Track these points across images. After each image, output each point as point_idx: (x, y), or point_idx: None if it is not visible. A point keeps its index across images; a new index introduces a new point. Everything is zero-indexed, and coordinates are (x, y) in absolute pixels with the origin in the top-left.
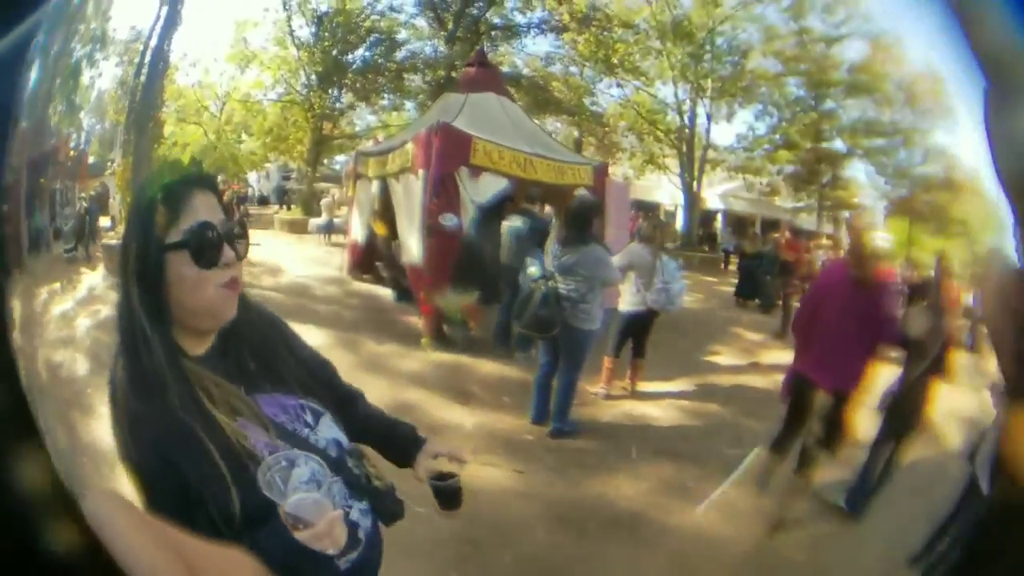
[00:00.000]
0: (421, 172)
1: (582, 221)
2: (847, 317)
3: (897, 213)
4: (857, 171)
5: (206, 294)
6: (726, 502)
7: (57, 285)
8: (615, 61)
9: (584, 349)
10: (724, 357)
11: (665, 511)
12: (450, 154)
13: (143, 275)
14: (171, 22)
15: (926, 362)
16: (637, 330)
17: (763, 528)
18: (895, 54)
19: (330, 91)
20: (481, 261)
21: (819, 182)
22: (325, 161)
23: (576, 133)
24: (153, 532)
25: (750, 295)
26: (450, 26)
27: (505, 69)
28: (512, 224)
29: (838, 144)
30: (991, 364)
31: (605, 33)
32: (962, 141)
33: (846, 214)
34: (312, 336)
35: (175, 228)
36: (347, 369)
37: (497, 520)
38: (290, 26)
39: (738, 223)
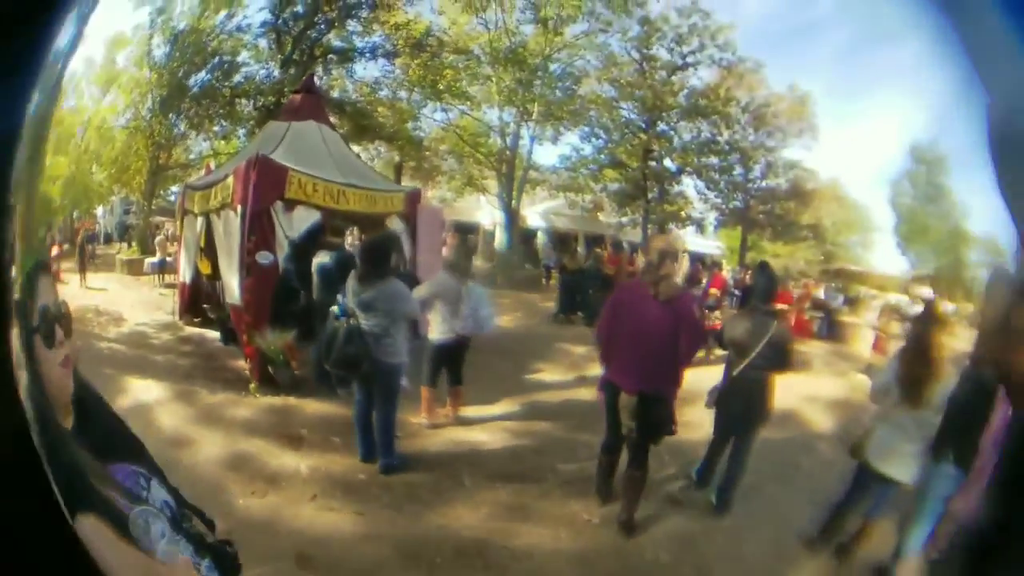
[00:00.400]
0: (239, 208)
1: (378, 257)
2: (646, 328)
3: (730, 224)
4: (687, 186)
5: (53, 373)
6: (569, 515)
7: None
8: (442, 87)
9: (395, 382)
10: (550, 374)
11: (510, 535)
12: (266, 188)
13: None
14: (74, 43)
15: (748, 359)
16: (450, 358)
17: (616, 532)
18: (749, 80)
19: (169, 116)
20: (296, 299)
21: (646, 198)
22: (161, 193)
23: (397, 158)
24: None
25: (572, 310)
26: (288, 48)
27: (334, 94)
28: (320, 260)
29: (668, 163)
30: (854, 349)
31: (436, 59)
32: (819, 155)
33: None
34: (151, 391)
35: (33, 312)
36: (182, 423)
37: (350, 567)
38: (150, 45)
39: (561, 240)
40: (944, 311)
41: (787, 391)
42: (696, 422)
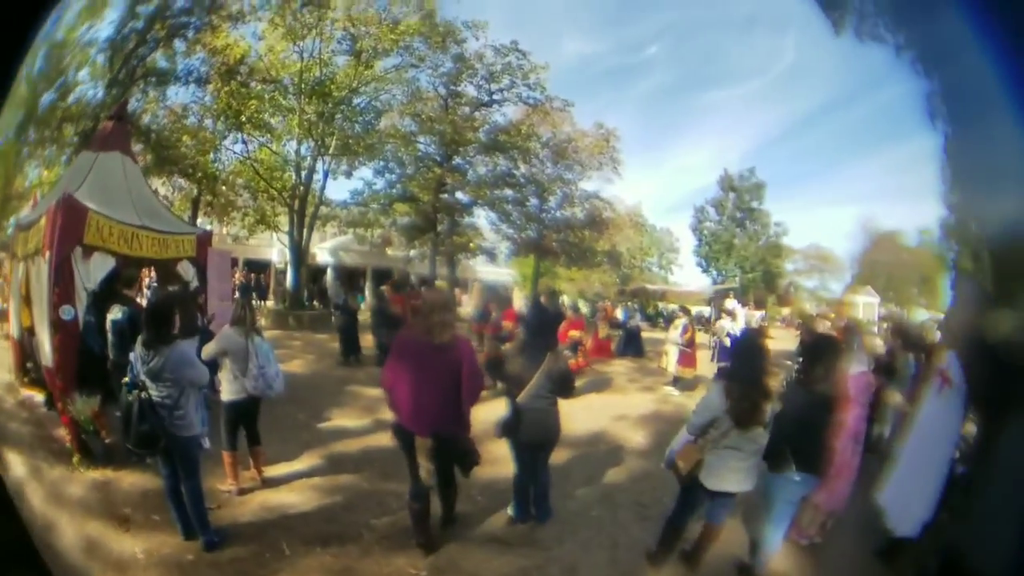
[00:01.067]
0: (48, 254)
1: (160, 320)
2: (426, 373)
3: (523, 253)
4: (479, 217)
5: None
6: (396, 571)
7: None
8: (244, 117)
9: (194, 455)
10: (346, 420)
11: None
12: (68, 233)
13: None
14: None
15: (528, 391)
16: (245, 417)
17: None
18: (554, 118)
19: (20, 138)
20: (95, 359)
21: (435, 230)
22: (4, 224)
23: (195, 192)
24: None
25: (353, 352)
26: (117, 66)
27: (145, 119)
28: (112, 316)
29: (460, 195)
30: (659, 363)
31: (244, 88)
32: (620, 186)
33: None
34: (17, 467)
35: None
36: (42, 503)
37: None
38: (36, 55)
39: (349, 277)
40: (760, 324)
41: (597, 411)
42: (503, 457)
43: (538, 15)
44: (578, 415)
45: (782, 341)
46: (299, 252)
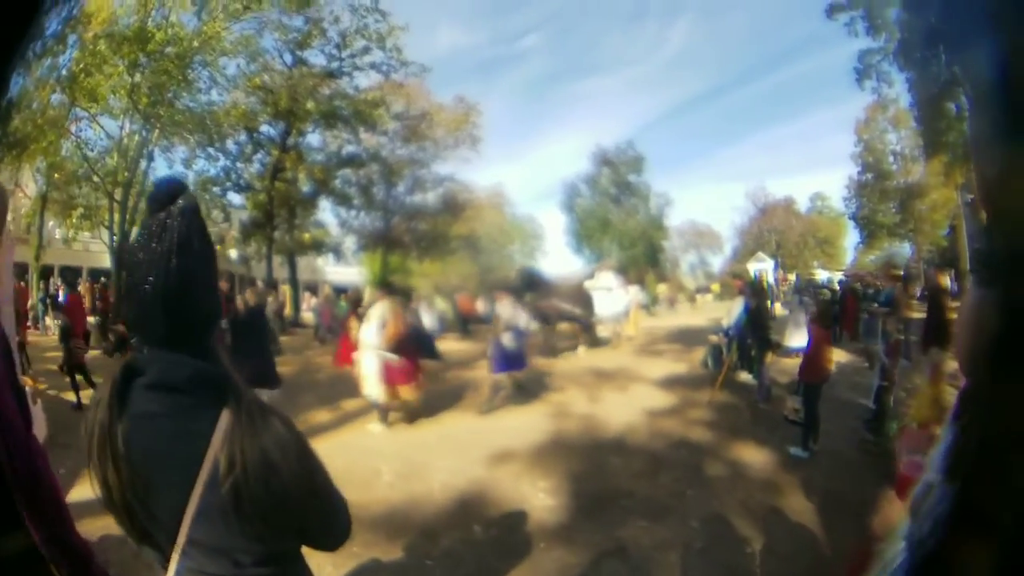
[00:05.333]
0: None
1: None
2: None
3: (371, 247)
4: (323, 210)
5: None
6: None
7: None
8: (83, 82)
9: None
10: None
11: None
12: None
13: None
14: None
15: None
16: None
17: None
18: (410, 90)
19: None
20: None
21: (271, 225)
22: None
23: (43, 186)
24: None
25: None
26: None
27: None
28: None
29: (301, 184)
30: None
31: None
32: (479, 168)
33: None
34: None
35: None
36: None
37: None
38: None
39: None
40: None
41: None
42: None
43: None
44: None
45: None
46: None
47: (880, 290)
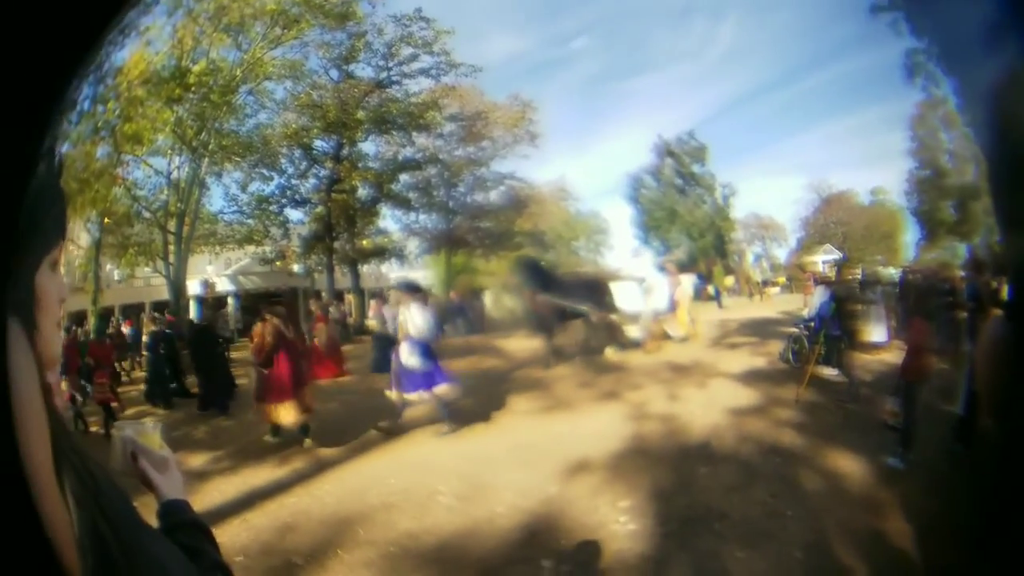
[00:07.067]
0: None
1: None
2: None
3: (435, 249)
4: (384, 217)
5: None
6: None
7: None
8: (128, 130)
9: None
10: None
11: None
12: None
13: None
14: None
15: None
16: None
17: None
18: (462, 92)
19: None
20: None
21: (330, 236)
22: None
23: (97, 232)
24: None
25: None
26: None
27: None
28: None
29: (361, 192)
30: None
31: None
32: (538, 164)
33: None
34: None
35: None
36: None
37: None
38: None
39: (255, 303)
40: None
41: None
42: None
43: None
44: None
45: (736, 310)
46: (179, 283)
47: (955, 287)
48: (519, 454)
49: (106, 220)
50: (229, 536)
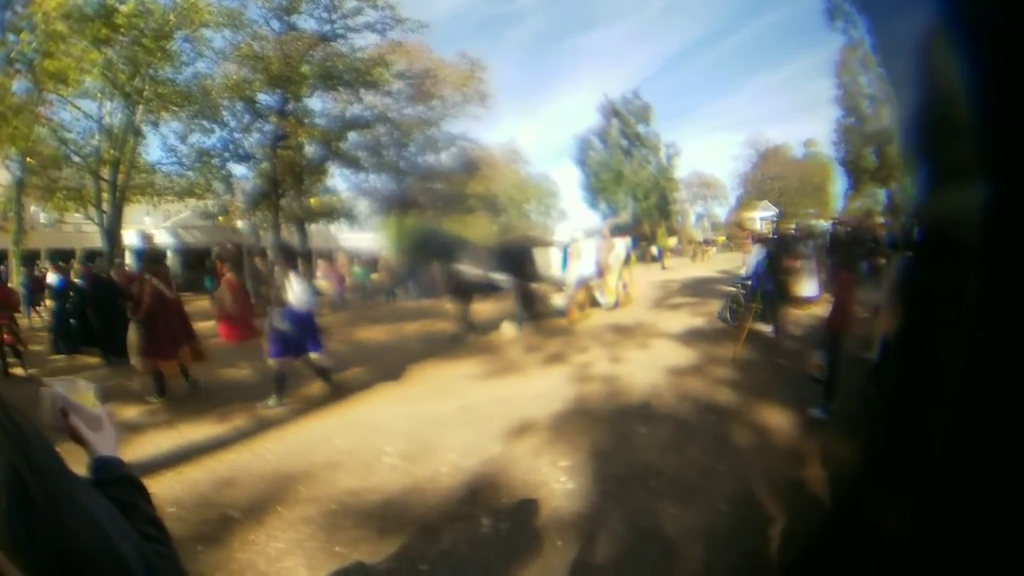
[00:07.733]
0: None
1: None
2: None
3: (385, 211)
4: (332, 176)
5: None
6: None
7: None
8: (50, 66)
9: None
10: None
11: None
12: None
13: None
14: None
15: None
16: None
17: None
18: (409, 48)
19: None
20: None
21: (276, 193)
22: None
23: (18, 172)
24: None
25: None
26: None
27: None
28: None
29: (308, 149)
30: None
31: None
32: (490, 125)
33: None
34: None
35: None
36: None
37: None
38: None
39: (197, 257)
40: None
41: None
42: None
43: None
44: None
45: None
46: (114, 233)
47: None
48: (465, 415)
49: (28, 160)
50: (162, 488)
